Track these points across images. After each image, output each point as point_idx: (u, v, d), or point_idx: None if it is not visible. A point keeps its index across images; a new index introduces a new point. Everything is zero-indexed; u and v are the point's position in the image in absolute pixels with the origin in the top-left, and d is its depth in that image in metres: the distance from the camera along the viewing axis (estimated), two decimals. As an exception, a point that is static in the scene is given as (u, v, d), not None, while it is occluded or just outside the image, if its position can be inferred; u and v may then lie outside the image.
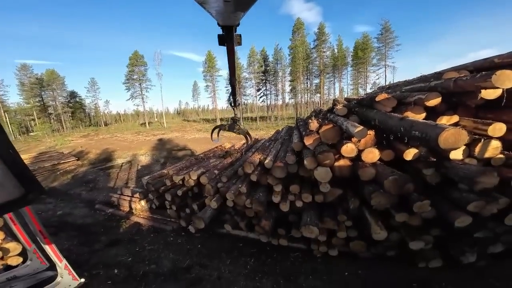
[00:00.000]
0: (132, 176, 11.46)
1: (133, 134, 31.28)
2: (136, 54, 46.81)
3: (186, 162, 6.23)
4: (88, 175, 12.02)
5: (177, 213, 5.34)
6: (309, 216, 3.43)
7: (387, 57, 43.41)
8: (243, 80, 47.37)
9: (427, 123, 2.39)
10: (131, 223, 5.80)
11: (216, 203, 4.28)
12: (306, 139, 3.43)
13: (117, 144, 21.55)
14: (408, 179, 2.83)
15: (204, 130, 33.09)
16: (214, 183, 4.36)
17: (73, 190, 9.75)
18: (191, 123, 51.50)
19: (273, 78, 47.88)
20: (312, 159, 3.24)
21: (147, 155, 15.90)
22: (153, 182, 5.52)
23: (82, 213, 6.80)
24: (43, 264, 2.41)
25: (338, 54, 45.07)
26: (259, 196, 3.80)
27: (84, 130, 44.47)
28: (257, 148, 5.51)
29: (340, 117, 3.74)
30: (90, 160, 15.82)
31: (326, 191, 3.36)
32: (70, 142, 26.53)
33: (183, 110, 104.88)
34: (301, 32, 42.11)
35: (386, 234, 2.94)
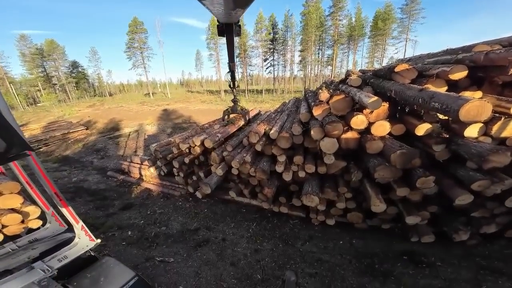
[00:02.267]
0: (140, 145, 11.78)
1: (138, 104, 31.14)
2: (135, 21, 43.49)
3: (191, 131, 6.22)
4: (98, 144, 12.42)
5: (185, 180, 5.57)
6: (311, 186, 3.51)
7: (410, 30, 38.83)
8: (249, 48, 43.87)
9: (449, 94, 2.21)
10: (142, 189, 6.17)
11: (222, 170, 4.39)
12: (315, 109, 3.28)
13: (123, 114, 21.69)
14: (416, 154, 2.77)
15: (208, 102, 32.58)
16: (220, 152, 4.40)
17: (85, 158, 10.21)
18: (195, 94, 50.36)
19: (281, 47, 44.08)
20: (319, 129, 3.16)
21: (153, 125, 16.06)
22: (161, 150, 5.63)
23: (96, 179, 7.21)
24: (62, 226, 2.56)
25: (355, 23, 40.43)
26: (263, 165, 3.85)
27: (90, 101, 44.48)
28: (262, 119, 5.38)
29: (353, 88, 3.50)
30: (99, 129, 16.17)
31: (330, 163, 3.35)
32: (77, 112, 26.84)
33: (186, 81, 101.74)
34: None
35: (385, 207, 3.01)
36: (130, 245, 3.69)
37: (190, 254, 3.41)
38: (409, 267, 2.88)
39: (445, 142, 2.83)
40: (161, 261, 3.28)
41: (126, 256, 3.39)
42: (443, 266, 2.83)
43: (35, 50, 45.40)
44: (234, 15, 1.14)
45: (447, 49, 4.03)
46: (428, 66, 3.12)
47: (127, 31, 44.47)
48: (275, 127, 3.79)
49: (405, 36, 40.06)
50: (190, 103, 31.52)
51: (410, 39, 40.04)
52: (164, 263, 3.24)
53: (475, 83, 2.97)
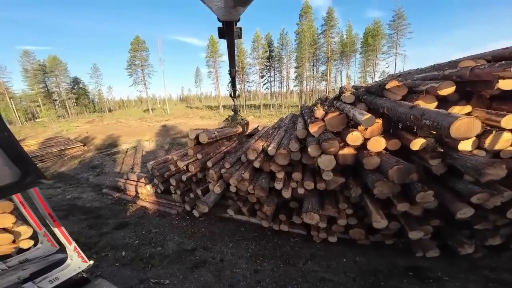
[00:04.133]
0: (138, 162, 11.68)
1: (137, 120, 31.41)
2: (137, 39, 45.58)
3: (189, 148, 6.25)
4: (95, 160, 12.29)
5: (182, 197, 5.47)
6: (311, 203, 3.47)
7: (399, 45, 41.29)
8: (246, 66, 45.89)
9: (439, 112, 2.30)
10: (138, 207, 6.01)
11: (220, 188, 4.34)
12: (311, 126, 3.36)
13: (121, 130, 21.74)
14: (413, 169, 2.80)
15: (207, 117, 33.03)
16: (218, 169, 4.39)
17: (80, 175, 10.04)
18: (194, 110, 51.24)
19: (278, 64, 46.30)
20: (316, 147, 3.21)
21: (151, 141, 16.06)
22: (158, 167, 5.60)
23: (90, 197, 7.05)
24: (54, 246, 2.49)
25: (347, 40, 43.00)
26: (262, 182, 3.83)
27: (89, 116, 44.83)
28: (260, 135, 5.46)
29: (347, 105, 3.63)
30: (96, 146, 16.09)
31: (329, 179, 3.36)
32: (76, 128, 26.88)
33: (185, 97, 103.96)
34: (308, 16, 39.98)
35: (387, 223, 2.97)
36: (124, 266, 3.53)
37: (186, 276, 3.26)
38: (415, 283, 2.79)
39: (440, 156, 2.89)
40: (156, 283, 3.13)
41: (120, 278, 3.24)
42: (450, 280, 2.76)
43: (37, 66, 46.54)
44: (235, 13, 1.12)
45: (434, 65, 4.23)
46: (418, 82, 3.26)
47: (129, 49, 46.28)
48: (273, 144, 3.84)
49: (395, 51, 42.28)
50: (189, 118, 31.93)
51: (400, 54, 42.24)
52: (160, 285, 3.10)
53: (464, 97, 3.08)
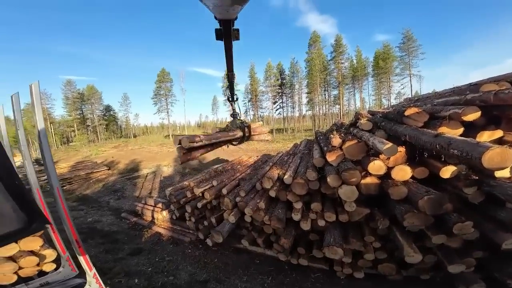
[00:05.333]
0: (156, 186, 12.03)
1: (158, 145, 33.24)
2: (163, 71, 51.18)
3: (206, 174, 6.39)
4: (117, 184, 12.90)
5: (196, 225, 5.41)
6: (333, 236, 3.23)
7: (412, 66, 41.49)
8: (259, 93, 48.46)
9: (468, 141, 2.18)
10: (153, 233, 6.02)
11: (234, 217, 4.25)
12: (328, 155, 3.31)
13: (143, 155, 23.04)
14: (445, 199, 2.58)
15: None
16: (233, 197, 4.37)
17: (102, 198, 10.50)
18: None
19: (289, 90, 48.31)
20: (336, 177, 3.11)
21: (170, 166, 16.67)
22: (175, 194, 5.72)
23: (110, 220, 7.24)
24: (74, 271, 2.53)
25: (357, 64, 44.32)
26: (278, 213, 3.70)
27: (116, 141, 48.55)
28: (274, 162, 5.46)
29: (365, 132, 3.58)
30: (119, 170, 17.04)
31: (352, 210, 3.17)
32: (103, 152, 29.06)
33: (203, 123, 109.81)
34: (317, 45, 42.55)
35: (421, 257, 2.68)
36: (136, 295, 3.40)
37: (198, 312, 3.06)
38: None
39: (476, 184, 2.64)
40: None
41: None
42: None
43: (77, 94, 53.07)
44: (232, 11, 1.11)
45: (453, 89, 4.13)
46: (439, 108, 3.15)
47: (156, 80, 51.66)
48: (289, 172, 3.80)
49: (408, 72, 42.13)
50: None
51: (414, 75, 41.92)
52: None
53: (492, 120, 2.88)
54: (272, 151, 21.45)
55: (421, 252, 2.70)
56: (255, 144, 29.55)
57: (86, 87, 54.97)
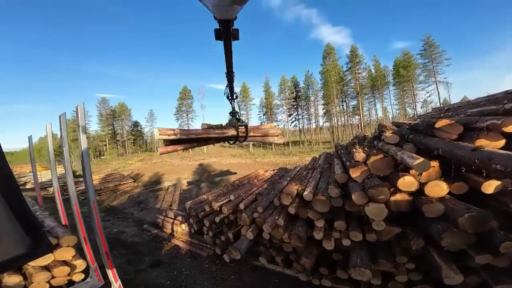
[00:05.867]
0: (176, 199, 12.37)
1: (179, 159, 34.70)
2: (185, 89, 54.82)
3: (223, 189, 6.46)
4: (141, 196, 13.54)
5: (213, 239, 5.38)
6: (359, 257, 2.98)
7: (437, 72, 38.97)
8: (274, 107, 48.82)
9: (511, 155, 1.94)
10: (172, 246, 6.11)
11: (252, 234, 4.15)
12: (352, 171, 3.14)
13: (165, 168, 24.15)
14: (489, 216, 2.28)
15: (238, 156, 34.54)
16: (250, 213, 4.30)
17: (127, 209, 11.04)
18: (227, 148, 54.39)
19: (304, 103, 47.98)
20: (361, 194, 2.92)
21: (189, 179, 17.17)
22: (195, 207, 5.81)
23: (133, 232, 7.53)
24: (100, 282, 2.63)
25: (376, 74, 42.94)
26: (298, 231, 3.53)
27: (141, 155, 51.86)
28: (292, 176, 5.33)
29: (391, 146, 3.37)
30: (144, 182, 17.98)
31: (381, 229, 2.92)
32: (130, 165, 31.11)
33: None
34: (332, 57, 42.41)
35: (462, 278, 2.37)
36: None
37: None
38: None
39: None
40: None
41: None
42: None
43: (109, 111, 58.59)
44: (231, 11, 1.10)
45: (488, 97, 3.80)
46: (474, 119, 2.89)
47: (178, 98, 55.20)
48: (309, 188, 3.66)
49: (434, 79, 39.47)
50: (222, 157, 33.82)
51: (440, 82, 39.12)
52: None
53: None
54: (289, 164, 21.03)
55: (462, 272, 2.41)
56: (271, 157, 29.33)
57: (117, 104, 60.83)
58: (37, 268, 2.36)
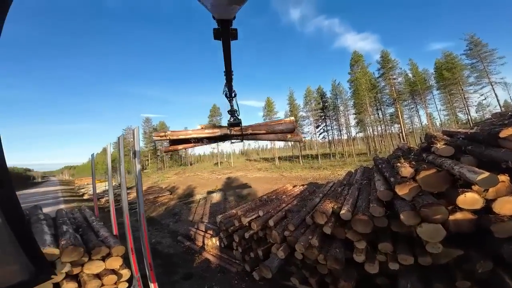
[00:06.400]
0: (206, 212, 12.72)
1: (209, 172, 36.26)
2: (214, 107, 58.67)
3: (252, 203, 6.40)
4: (176, 208, 14.35)
5: (242, 255, 5.29)
6: (410, 282, 2.57)
7: (490, 73, 33.25)
8: (300, 119, 47.37)
9: None
10: (202, 259, 6.20)
11: (284, 253, 3.92)
12: (398, 188, 2.78)
13: (197, 182, 25.42)
14: None
15: (264, 169, 34.27)
16: (280, 230, 4.11)
17: (164, 221, 11.76)
18: (252, 162, 54.70)
19: (333, 113, 45.60)
20: (411, 213, 2.55)
21: (219, 192, 17.63)
22: (225, 221, 5.86)
23: (168, 243, 7.91)
24: None
25: (414, 78, 38.96)
26: (336, 252, 3.19)
27: (177, 169, 55.98)
28: (325, 193, 4.97)
29: (445, 159, 2.91)
30: (178, 195, 19.14)
31: (437, 252, 2.47)
32: (167, 178, 33.73)
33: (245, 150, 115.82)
34: (360, 64, 40.15)
35: None
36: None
37: None
38: None
39: None
40: None
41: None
42: None
43: (152, 129, 65.74)
44: (230, 11, 1.09)
45: None
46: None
47: (208, 115, 59.06)
48: (346, 206, 3.33)
49: (487, 80, 33.59)
50: (249, 171, 34.01)
51: (496, 82, 33.01)
52: None
53: None
54: (319, 179, 19.86)
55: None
56: (298, 171, 28.16)
57: (158, 123, 68.22)
58: (91, 276, 2.59)
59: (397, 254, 2.80)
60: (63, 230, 3.01)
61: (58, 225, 3.31)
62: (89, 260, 2.62)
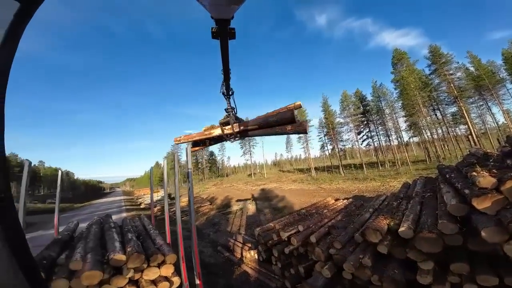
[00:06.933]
0: (243, 223, 12.77)
1: (244, 183, 36.86)
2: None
3: (290, 217, 6.16)
4: (215, 218, 14.89)
5: (282, 271, 5.05)
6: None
7: None
8: (337, 126, 43.84)
9: None
10: (241, 271, 6.16)
11: (329, 271, 3.54)
12: (477, 201, 2.24)
13: (233, 193, 26.06)
14: None
15: (299, 181, 32.59)
16: (325, 248, 3.75)
17: (205, 230, 12.28)
18: (286, 173, 52.99)
19: (377, 117, 40.69)
20: (496, 229, 2.02)
21: (254, 204, 17.61)
22: (263, 235, 5.75)
23: (209, 252, 8.15)
24: None
25: (478, 72, 32.40)
26: (394, 273, 2.70)
27: (215, 180, 58.98)
28: (376, 207, 4.37)
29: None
30: (217, 205, 19.92)
31: None
32: (207, 189, 35.71)
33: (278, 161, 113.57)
34: (405, 62, 35.48)
35: None
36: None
37: None
38: None
39: None
40: None
41: None
42: None
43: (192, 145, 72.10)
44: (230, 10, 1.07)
45: None
46: None
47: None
48: (406, 222, 2.82)
49: None
50: (283, 182, 32.95)
51: None
52: None
53: None
54: (366, 191, 17.78)
55: None
56: (340, 183, 25.79)
57: (198, 139, 74.43)
58: (148, 281, 2.77)
59: (476, 275, 2.28)
60: (128, 237, 3.38)
61: (124, 233, 3.75)
62: (147, 267, 2.81)
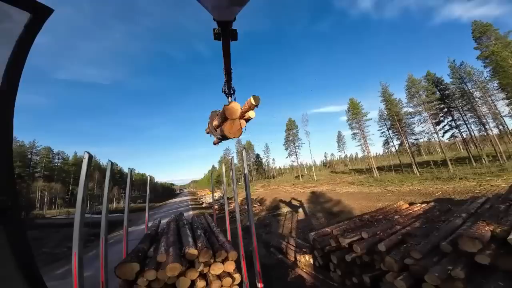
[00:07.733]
0: (294, 226, 12.51)
1: (291, 185, 36.12)
2: (290, 121, 59.44)
3: (350, 223, 5.66)
4: (266, 219, 15.15)
5: (342, 279, 4.70)
6: None
7: None
8: (405, 116, 36.05)
9: None
10: (296, 275, 6.02)
11: (405, 283, 3.05)
12: None
13: (281, 195, 25.91)
14: None
15: (358, 183, 28.78)
16: (399, 258, 3.25)
17: (257, 231, 12.63)
18: (340, 174, 48.46)
19: (462, 102, 32.00)
20: None
21: (304, 207, 16.97)
22: (319, 240, 5.49)
23: (262, 253, 8.34)
24: None
25: None
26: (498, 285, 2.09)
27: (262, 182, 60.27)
28: (472, 212, 3.50)
29: None
30: (267, 207, 20.26)
31: None
32: (255, 190, 36.83)
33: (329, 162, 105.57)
34: (492, 35, 26.98)
35: None
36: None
37: None
38: None
39: None
40: None
41: None
42: None
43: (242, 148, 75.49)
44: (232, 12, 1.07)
45: None
46: None
47: (285, 129, 60.28)
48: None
49: None
50: (336, 185, 30.12)
51: None
52: None
53: None
54: (455, 193, 14.14)
55: None
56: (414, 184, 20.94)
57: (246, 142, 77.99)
58: (215, 276, 3.01)
59: None
60: (198, 234, 3.82)
61: (194, 230, 4.25)
62: (214, 262, 3.07)
